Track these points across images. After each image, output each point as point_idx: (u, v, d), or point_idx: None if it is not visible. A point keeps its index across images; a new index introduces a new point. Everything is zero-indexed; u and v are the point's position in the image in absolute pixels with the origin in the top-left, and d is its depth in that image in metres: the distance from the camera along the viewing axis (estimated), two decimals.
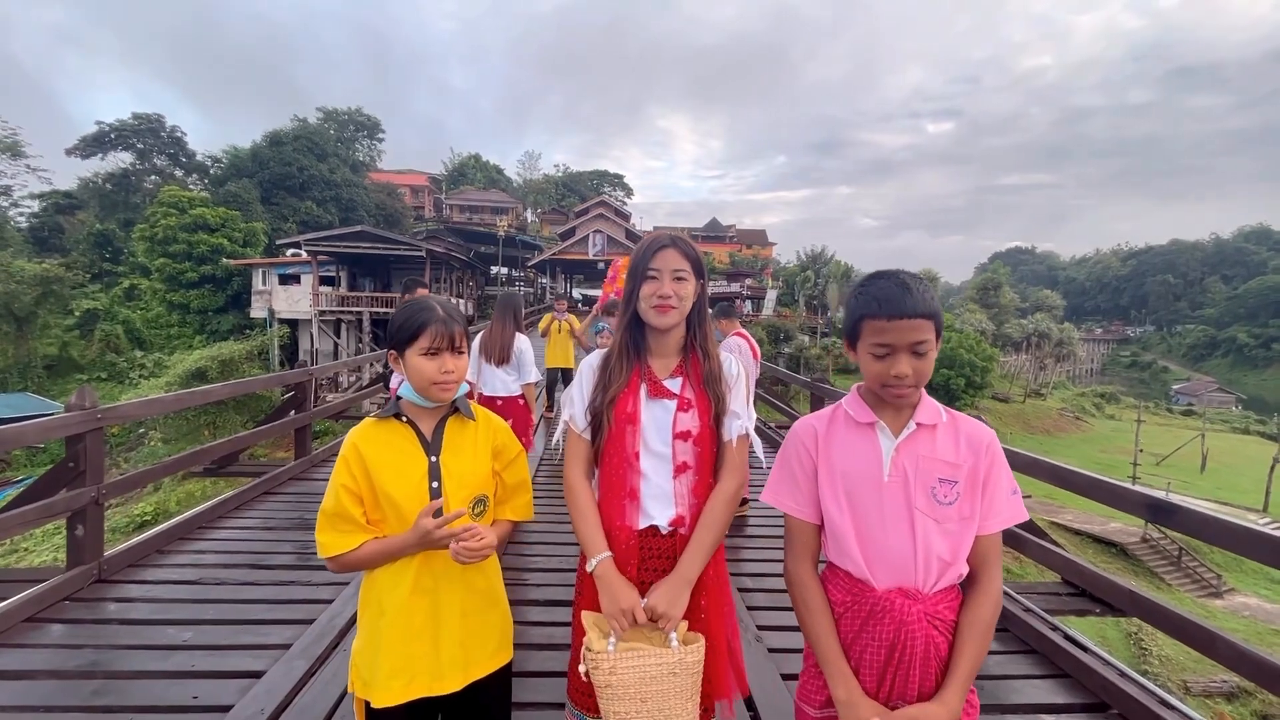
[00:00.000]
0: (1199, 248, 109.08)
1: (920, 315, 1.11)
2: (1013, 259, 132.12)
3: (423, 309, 1.37)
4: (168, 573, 3.48)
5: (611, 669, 1.26)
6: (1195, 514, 2.19)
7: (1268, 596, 19.31)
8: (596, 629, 1.33)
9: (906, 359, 1.13)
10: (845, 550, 1.20)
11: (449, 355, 1.37)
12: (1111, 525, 22.01)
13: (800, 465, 1.27)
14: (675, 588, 1.33)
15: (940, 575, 1.16)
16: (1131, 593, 2.65)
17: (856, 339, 1.20)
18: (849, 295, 1.25)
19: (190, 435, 22.71)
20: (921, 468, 1.16)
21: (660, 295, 1.37)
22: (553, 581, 3.54)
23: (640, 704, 1.26)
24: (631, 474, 1.39)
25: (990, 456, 1.19)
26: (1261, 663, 1.99)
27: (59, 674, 2.48)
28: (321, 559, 1.35)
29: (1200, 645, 2.19)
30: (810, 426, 1.27)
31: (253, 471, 5.67)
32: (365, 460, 1.34)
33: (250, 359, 26.54)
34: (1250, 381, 75.77)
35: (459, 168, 70.36)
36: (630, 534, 1.39)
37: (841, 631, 1.21)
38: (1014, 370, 50.25)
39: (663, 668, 1.27)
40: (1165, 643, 14.05)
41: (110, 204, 38.68)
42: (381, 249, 28.17)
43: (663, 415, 1.40)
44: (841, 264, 45.47)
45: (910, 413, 1.20)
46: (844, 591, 1.22)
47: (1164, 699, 2.39)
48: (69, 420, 3.09)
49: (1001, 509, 1.19)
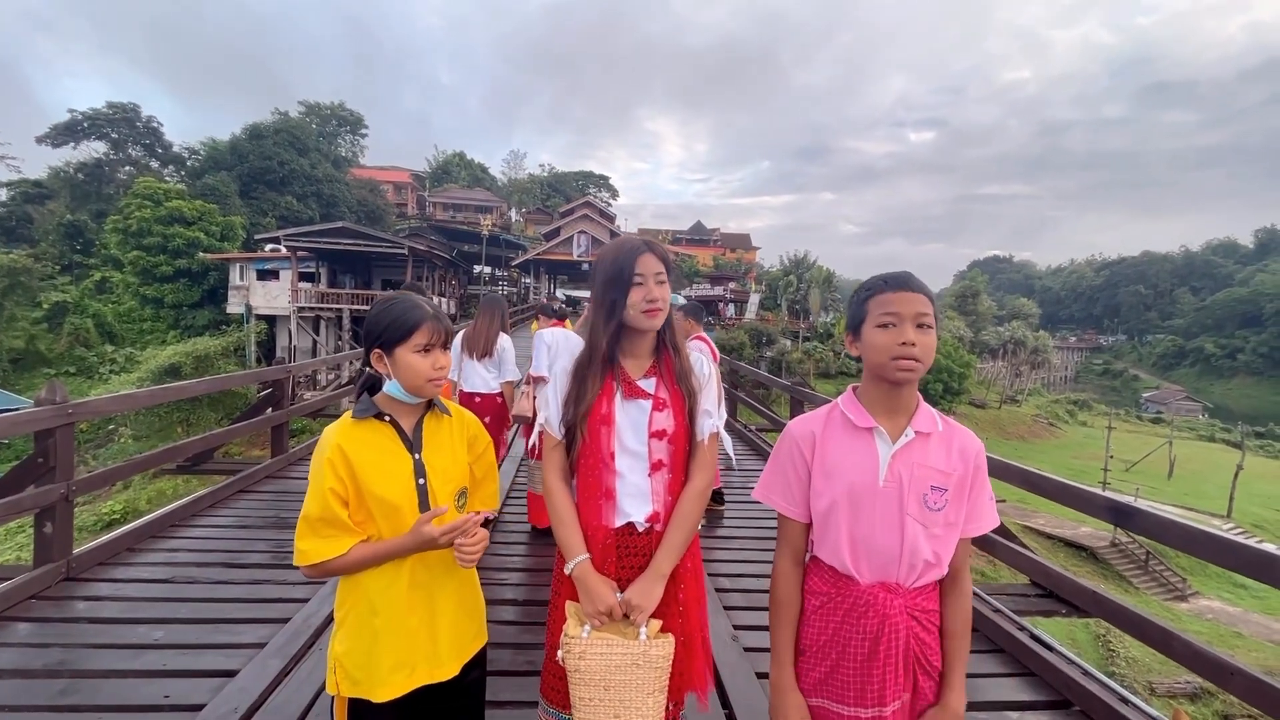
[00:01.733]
0: (1169, 259, 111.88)
1: (922, 292, 1.20)
2: (991, 267, 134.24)
3: (414, 306, 1.37)
4: (139, 571, 3.42)
5: (581, 654, 1.30)
6: (1153, 517, 2.28)
7: (1230, 600, 19.89)
8: (576, 617, 1.36)
9: (911, 328, 1.18)
10: (834, 548, 1.24)
11: (440, 352, 1.37)
12: (1082, 530, 22.51)
13: (794, 467, 1.30)
14: (650, 581, 1.37)
15: (922, 574, 1.21)
16: (1095, 593, 2.73)
17: (862, 322, 1.24)
18: (854, 295, 1.30)
19: (163, 432, 22.25)
20: (916, 475, 1.20)
21: (649, 299, 1.40)
22: (528, 581, 3.55)
23: (604, 691, 1.30)
24: (607, 474, 1.42)
25: (978, 466, 1.25)
26: (1213, 660, 2.08)
27: (25, 673, 2.44)
28: (298, 566, 1.32)
29: (1158, 644, 2.27)
30: (807, 430, 1.30)
31: (228, 469, 5.59)
32: (351, 461, 1.33)
33: (226, 355, 26.10)
34: (1217, 390, 77.88)
35: (443, 165, 69.83)
36: (607, 533, 1.42)
37: (822, 622, 1.26)
38: (991, 377, 51.17)
39: (627, 658, 1.31)
40: (1132, 645, 14.42)
41: (82, 194, 37.74)
42: (363, 246, 27.84)
43: (638, 415, 1.43)
44: (824, 269, 45.91)
45: (908, 419, 1.23)
46: (827, 584, 1.26)
47: (1124, 696, 2.47)
48: (39, 415, 3.03)
49: (984, 515, 1.26)
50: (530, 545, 4.09)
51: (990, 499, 1.27)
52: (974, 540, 3.13)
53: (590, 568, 1.39)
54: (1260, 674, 1.92)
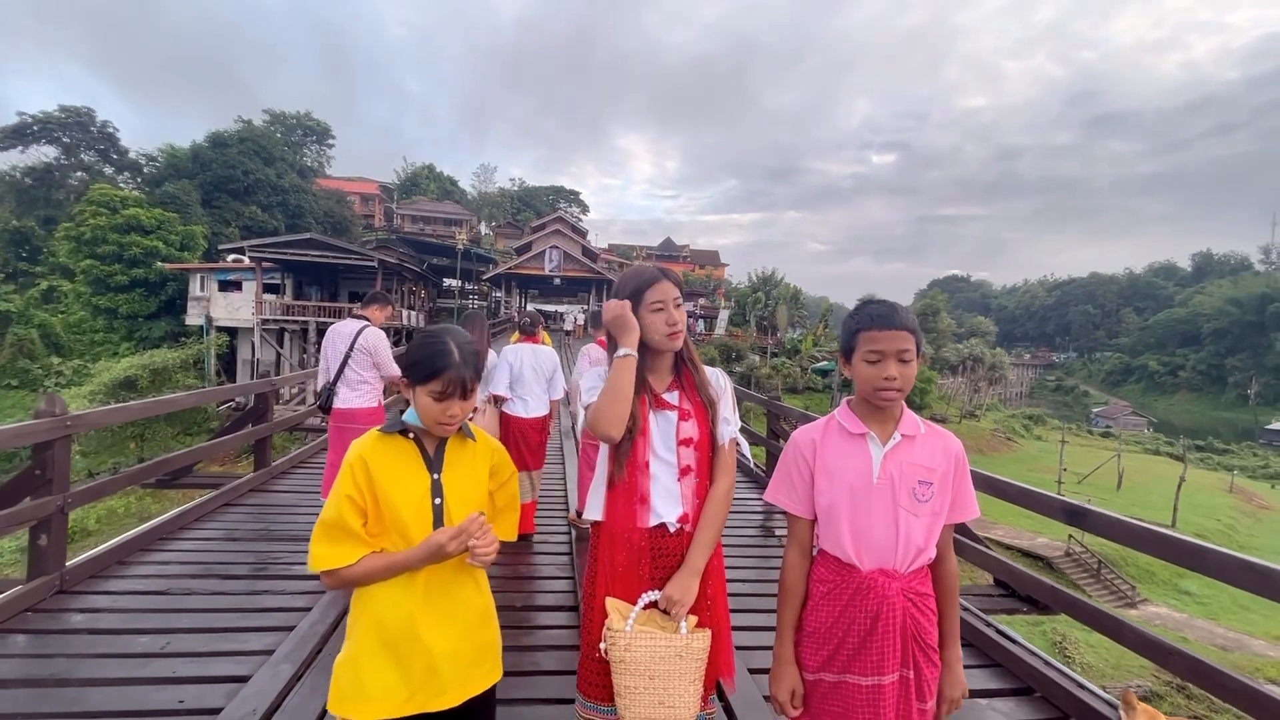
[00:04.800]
0: (1115, 281, 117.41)
1: (904, 328, 1.39)
2: (950, 286, 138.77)
3: (443, 353, 1.38)
4: (132, 583, 3.42)
5: (626, 646, 1.43)
6: (1102, 516, 2.55)
7: (1175, 606, 20.90)
8: (617, 612, 1.50)
9: (894, 364, 1.38)
10: (837, 540, 1.43)
11: (457, 401, 1.40)
12: (1039, 540, 23.38)
13: (798, 470, 1.50)
14: (686, 578, 1.52)
15: (915, 559, 1.41)
16: (1052, 588, 3.00)
17: (853, 351, 1.44)
18: (846, 318, 1.51)
19: (113, 447, 21.38)
20: (905, 472, 1.40)
21: (670, 323, 1.57)
22: (507, 589, 3.64)
23: (649, 680, 1.44)
24: (642, 479, 1.57)
25: (959, 462, 1.47)
26: (1155, 643, 2.35)
27: (34, 682, 2.46)
28: (313, 572, 1.34)
29: (1110, 632, 2.53)
30: (809, 438, 1.50)
31: (207, 484, 5.54)
32: (371, 472, 1.37)
33: (185, 368, 25.29)
34: (1160, 406, 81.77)
35: (412, 177, 69.39)
36: (642, 535, 1.56)
37: (829, 606, 1.44)
38: (950, 392, 52.82)
39: (671, 650, 1.45)
40: (1086, 651, 15.04)
41: (29, 199, 36.38)
42: (331, 258, 27.45)
43: (666, 425, 1.59)
44: (790, 286, 46.91)
45: (895, 425, 1.44)
46: (832, 572, 1.45)
47: (1080, 683, 2.72)
48: (38, 427, 3.04)
49: (967, 504, 1.47)
50: (510, 554, 4.19)
51: (971, 490, 1.49)
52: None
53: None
54: (1194, 653, 2.18)
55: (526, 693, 2.59)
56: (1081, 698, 2.57)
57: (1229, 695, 2.02)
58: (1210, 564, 2.07)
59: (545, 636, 3.14)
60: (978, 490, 3.23)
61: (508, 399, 4.27)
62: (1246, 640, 18.19)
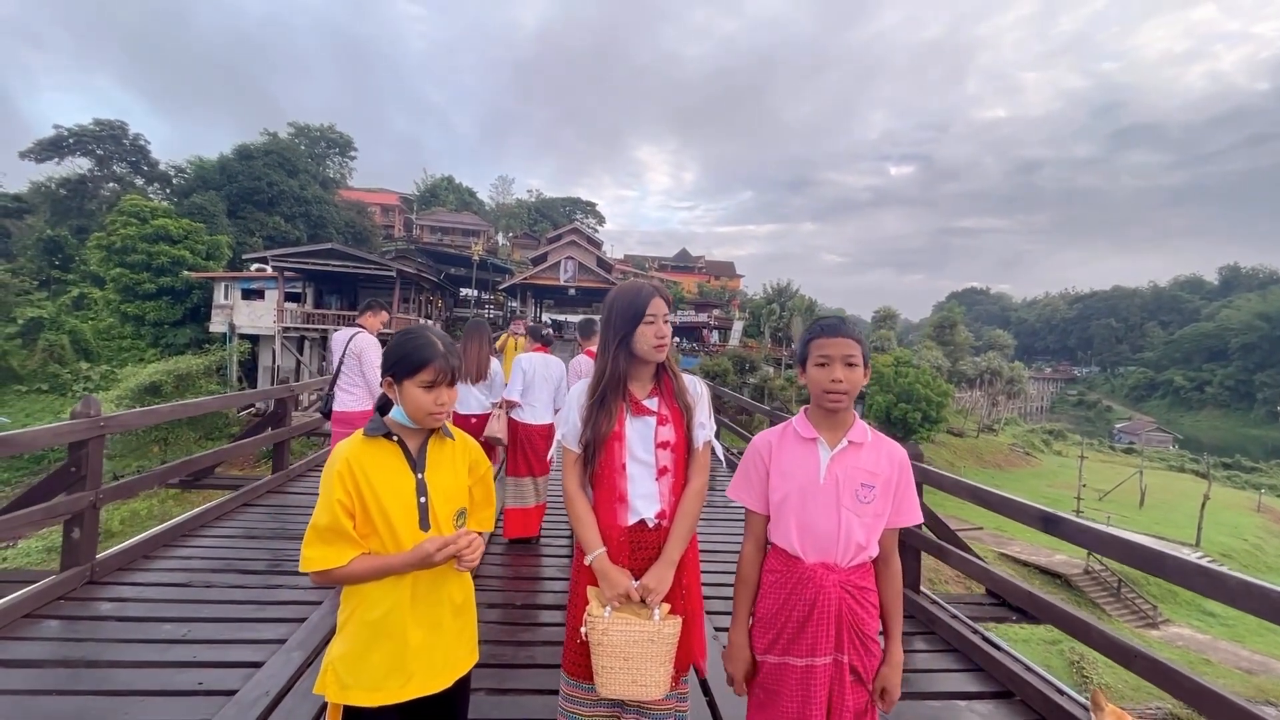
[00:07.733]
0: (1139, 294, 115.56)
1: (850, 337, 1.55)
2: (968, 299, 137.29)
3: (426, 344, 1.46)
4: (157, 575, 3.63)
5: (604, 630, 1.59)
6: (1074, 523, 2.64)
7: (1200, 627, 20.35)
8: (597, 600, 1.64)
9: (841, 368, 1.53)
10: (786, 534, 1.58)
11: (445, 389, 1.47)
12: (1056, 557, 22.94)
13: (755, 470, 1.65)
14: (662, 569, 1.66)
15: (855, 555, 1.54)
16: (1030, 594, 3.08)
17: (806, 359, 1.60)
18: (800, 335, 1.66)
19: (138, 450, 21.93)
20: (849, 475, 1.55)
21: (659, 336, 1.71)
22: (505, 588, 3.82)
23: (623, 662, 1.59)
24: (621, 480, 1.71)
25: (903, 470, 1.59)
26: (1120, 645, 2.43)
27: (67, 663, 2.66)
28: (305, 572, 1.39)
29: (1079, 635, 2.63)
30: (767, 441, 1.66)
31: (227, 485, 5.77)
32: (358, 476, 1.42)
33: (208, 374, 25.88)
34: (1186, 422, 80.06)
35: (431, 189, 70.44)
36: (622, 531, 1.70)
37: (774, 593, 1.58)
38: (968, 406, 52.17)
39: (644, 634, 1.59)
40: (1105, 671, 14.73)
41: (63, 209, 37.52)
42: (351, 267, 28.04)
43: (645, 429, 1.73)
44: (805, 298, 46.81)
45: (844, 432, 1.58)
46: (780, 563, 1.59)
47: (1059, 687, 2.80)
48: (75, 427, 3.27)
49: (909, 510, 1.59)
50: (514, 555, 4.36)
51: (915, 498, 1.62)
52: (929, 551, 3.60)
53: (607, 559, 1.67)
54: (1157, 655, 2.27)
55: (526, 684, 2.75)
56: (1059, 702, 2.65)
57: (1187, 696, 2.10)
58: (1169, 569, 2.17)
59: (544, 633, 3.28)
60: (961, 498, 3.37)
61: (519, 404, 4.43)
62: (1272, 663, 17.69)
